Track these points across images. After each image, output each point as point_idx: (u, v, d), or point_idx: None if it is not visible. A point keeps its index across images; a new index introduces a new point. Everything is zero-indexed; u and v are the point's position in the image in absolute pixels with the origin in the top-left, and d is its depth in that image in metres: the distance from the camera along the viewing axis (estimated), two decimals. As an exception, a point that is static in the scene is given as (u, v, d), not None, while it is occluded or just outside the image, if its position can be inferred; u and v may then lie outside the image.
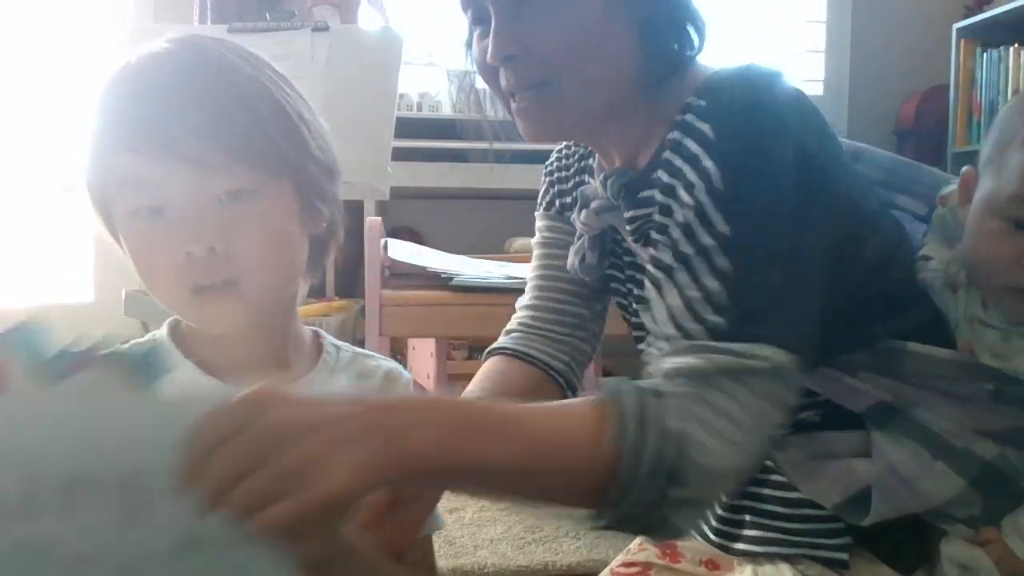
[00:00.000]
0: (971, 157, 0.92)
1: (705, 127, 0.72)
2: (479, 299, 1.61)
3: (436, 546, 0.81)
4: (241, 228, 0.64)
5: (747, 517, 0.85)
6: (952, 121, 3.11)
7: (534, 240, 1.05)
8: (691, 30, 0.80)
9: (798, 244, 0.71)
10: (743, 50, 3.15)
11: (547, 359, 0.98)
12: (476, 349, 3.06)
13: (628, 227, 0.83)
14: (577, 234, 0.93)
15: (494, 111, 0.89)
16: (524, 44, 0.75)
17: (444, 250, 2.03)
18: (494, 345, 1.00)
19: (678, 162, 0.73)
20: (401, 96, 2.96)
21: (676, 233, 0.72)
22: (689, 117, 0.74)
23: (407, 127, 2.46)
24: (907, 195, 0.91)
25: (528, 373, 0.96)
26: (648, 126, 0.80)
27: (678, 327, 0.70)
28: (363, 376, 0.75)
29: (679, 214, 0.72)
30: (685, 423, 0.64)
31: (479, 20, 0.79)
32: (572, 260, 0.94)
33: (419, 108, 3.09)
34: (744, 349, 0.67)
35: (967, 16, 3.11)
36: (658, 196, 0.75)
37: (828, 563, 0.79)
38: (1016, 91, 2.94)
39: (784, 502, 0.82)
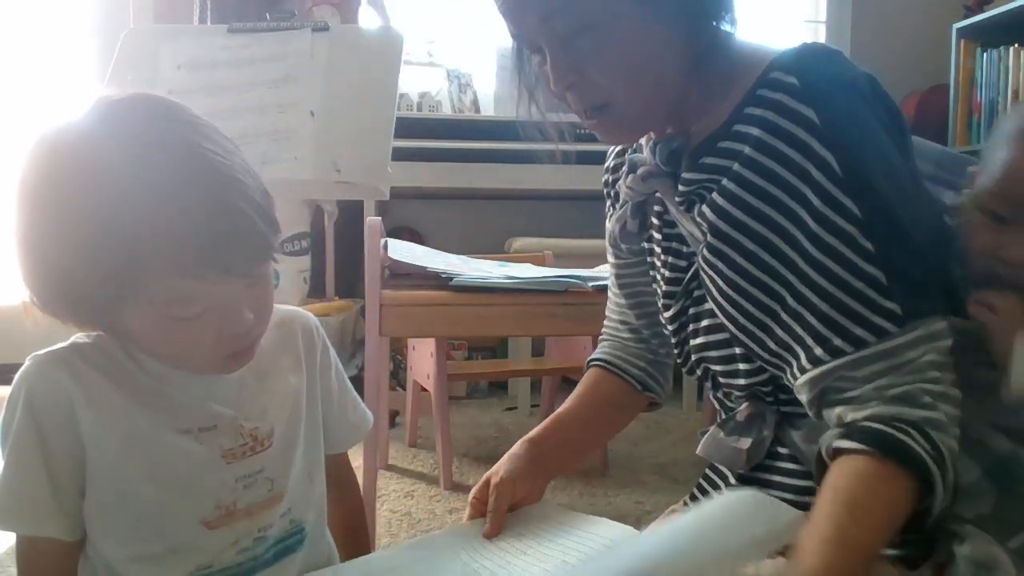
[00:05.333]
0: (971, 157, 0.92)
1: (807, 111, 0.74)
2: (479, 299, 1.60)
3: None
4: (264, 298, 0.74)
5: None
6: (952, 121, 3.11)
7: (608, 243, 1.06)
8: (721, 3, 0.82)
9: (918, 212, 0.76)
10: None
11: (624, 365, 1.04)
12: (476, 349, 3.06)
13: (680, 188, 0.84)
14: (620, 201, 0.95)
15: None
16: (580, 72, 0.79)
17: (444, 250, 2.02)
18: (591, 356, 1.08)
19: (782, 146, 0.75)
20: (401, 96, 2.96)
21: (812, 226, 0.74)
22: (778, 95, 0.75)
23: (407, 127, 2.46)
24: (954, 191, 0.91)
25: (611, 382, 1.04)
26: (700, 98, 0.83)
27: (842, 331, 0.73)
28: (282, 324, 0.84)
29: (801, 205, 0.74)
30: (948, 439, 0.71)
31: (536, 50, 0.83)
32: (613, 227, 0.97)
33: (419, 108, 3.09)
34: (925, 332, 0.72)
35: (967, 16, 3.11)
36: (736, 167, 0.77)
37: None
38: (1016, 91, 2.94)
39: (793, 489, 0.82)
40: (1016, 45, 2.95)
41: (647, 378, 1.04)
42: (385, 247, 1.71)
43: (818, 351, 0.74)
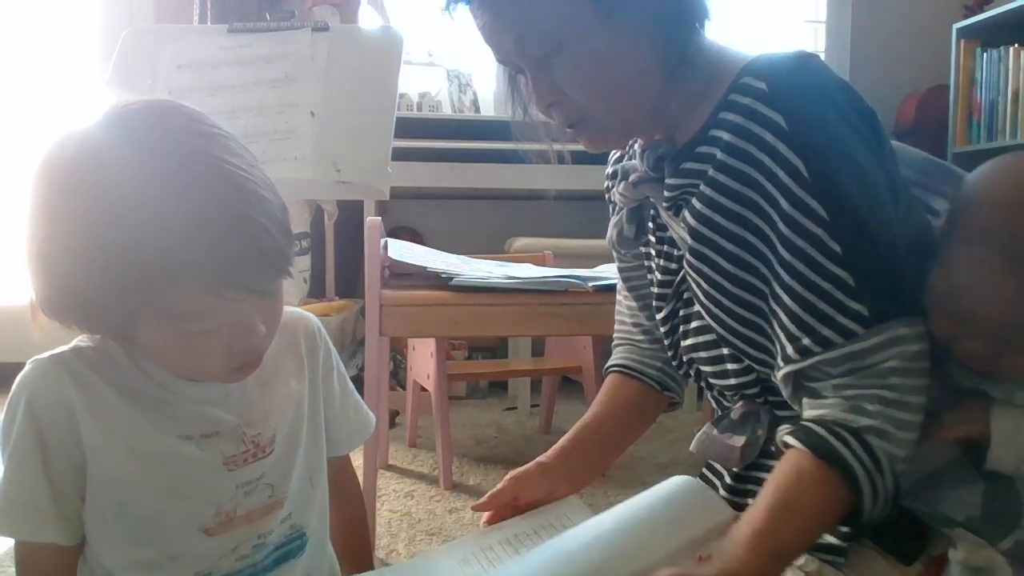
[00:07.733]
0: (971, 157, 0.92)
1: (776, 116, 0.75)
2: (479, 299, 1.60)
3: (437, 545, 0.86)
4: (276, 311, 0.74)
5: (750, 501, 0.85)
6: (952, 121, 3.11)
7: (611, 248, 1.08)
8: (694, 9, 0.82)
9: (888, 216, 0.76)
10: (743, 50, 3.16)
11: (641, 367, 1.05)
12: (476, 349, 3.06)
13: (666, 193, 0.85)
14: (616, 207, 0.96)
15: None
16: (559, 91, 0.82)
17: (444, 250, 2.02)
18: (608, 363, 1.09)
19: (752, 150, 0.76)
20: (401, 96, 2.96)
21: (782, 228, 0.74)
22: (748, 100, 0.76)
23: (407, 127, 2.46)
24: (942, 198, 0.90)
25: (630, 385, 1.05)
26: (681, 104, 0.84)
27: (810, 331, 0.74)
28: (284, 327, 0.81)
29: (772, 207, 0.75)
30: (891, 447, 0.72)
31: (520, 71, 0.86)
32: (610, 233, 0.98)
33: (419, 108, 3.09)
34: (892, 336, 0.73)
35: (967, 16, 3.12)
36: (711, 172, 0.79)
37: (827, 550, 0.80)
38: (1016, 91, 2.94)
39: None
40: (1016, 45, 2.95)
41: (665, 377, 1.05)
42: (385, 247, 1.71)
43: (790, 349, 0.76)
